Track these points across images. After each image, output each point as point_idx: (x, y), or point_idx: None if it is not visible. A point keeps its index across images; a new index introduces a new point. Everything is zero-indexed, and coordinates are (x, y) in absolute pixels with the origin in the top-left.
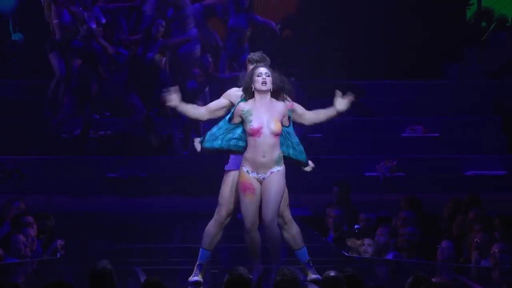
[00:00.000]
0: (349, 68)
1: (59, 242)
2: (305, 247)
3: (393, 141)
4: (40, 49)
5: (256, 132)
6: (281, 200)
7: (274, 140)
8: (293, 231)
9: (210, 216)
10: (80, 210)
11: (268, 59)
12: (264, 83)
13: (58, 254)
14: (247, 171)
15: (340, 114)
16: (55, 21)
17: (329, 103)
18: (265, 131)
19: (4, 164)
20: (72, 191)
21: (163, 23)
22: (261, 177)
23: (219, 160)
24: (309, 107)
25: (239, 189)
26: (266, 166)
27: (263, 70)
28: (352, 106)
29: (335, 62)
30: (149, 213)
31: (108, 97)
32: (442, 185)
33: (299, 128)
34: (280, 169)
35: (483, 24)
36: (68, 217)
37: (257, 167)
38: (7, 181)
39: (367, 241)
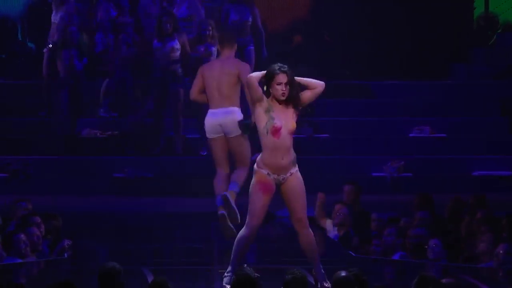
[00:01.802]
0: (356, 69)
1: (67, 242)
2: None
3: (400, 142)
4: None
5: (276, 133)
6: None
7: (291, 140)
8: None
9: (217, 216)
10: (87, 210)
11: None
12: (283, 94)
13: (65, 254)
14: (268, 173)
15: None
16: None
17: (335, 103)
18: (284, 131)
19: (10, 164)
20: (79, 191)
21: (170, 19)
22: (281, 178)
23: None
24: (314, 108)
25: (258, 188)
26: (286, 168)
27: (283, 78)
28: (358, 106)
29: (343, 62)
30: (155, 213)
31: (110, 93)
32: (449, 185)
33: (306, 128)
34: (297, 168)
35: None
36: (75, 217)
37: (277, 169)
38: (13, 182)
39: (375, 241)
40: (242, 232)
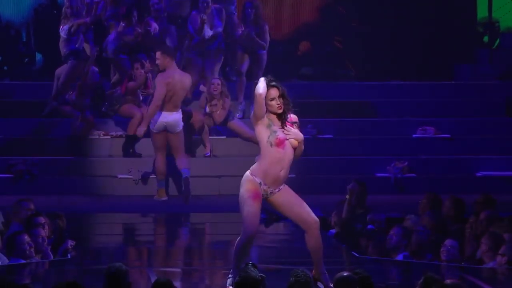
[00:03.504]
0: (361, 70)
1: (70, 243)
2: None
3: (404, 142)
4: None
5: (281, 143)
6: None
7: (293, 154)
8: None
9: (219, 217)
10: (91, 211)
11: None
12: (279, 107)
13: (69, 255)
14: (260, 182)
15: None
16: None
17: (338, 104)
18: (287, 143)
19: (15, 165)
20: (83, 191)
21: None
22: (269, 192)
23: (229, 162)
24: (317, 108)
25: (248, 196)
26: (278, 182)
27: (275, 93)
28: (362, 107)
29: (346, 63)
30: (158, 213)
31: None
32: (453, 186)
33: (310, 130)
34: (285, 185)
35: (485, 39)
36: (79, 218)
37: (272, 180)
38: (18, 182)
39: (375, 241)
40: (239, 238)
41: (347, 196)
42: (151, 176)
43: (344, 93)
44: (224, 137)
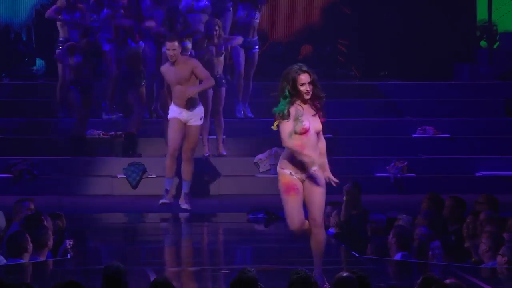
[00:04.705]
0: (361, 69)
1: (69, 242)
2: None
3: (404, 142)
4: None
5: (306, 131)
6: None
7: (316, 138)
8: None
9: (219, 217)
10: (91, 211)
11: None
12: (308, 93)
13: (68, 255)
14: (290, 173)
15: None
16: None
17: (338, 103)
18: (311, 130)
19: (15, 164)
20: (83, 191)
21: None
22: (304, 177)
23: (229, 162)
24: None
25: (282, 191)
26: (307, 166)
27: (306, 79)
28: (362, 106)
29: (347, 63)
30: (159, 213)
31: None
32: (453, 186)
33: None
34: (318, 167)
35: (483, 43)
36: (79, 218)
37: (298, 168)
38: (18, 182)
39: (376, 241)
40: (292, 236)
41: (344, 198)
42: (149, 176)
43: (343, 93)
44: (224, 137)
